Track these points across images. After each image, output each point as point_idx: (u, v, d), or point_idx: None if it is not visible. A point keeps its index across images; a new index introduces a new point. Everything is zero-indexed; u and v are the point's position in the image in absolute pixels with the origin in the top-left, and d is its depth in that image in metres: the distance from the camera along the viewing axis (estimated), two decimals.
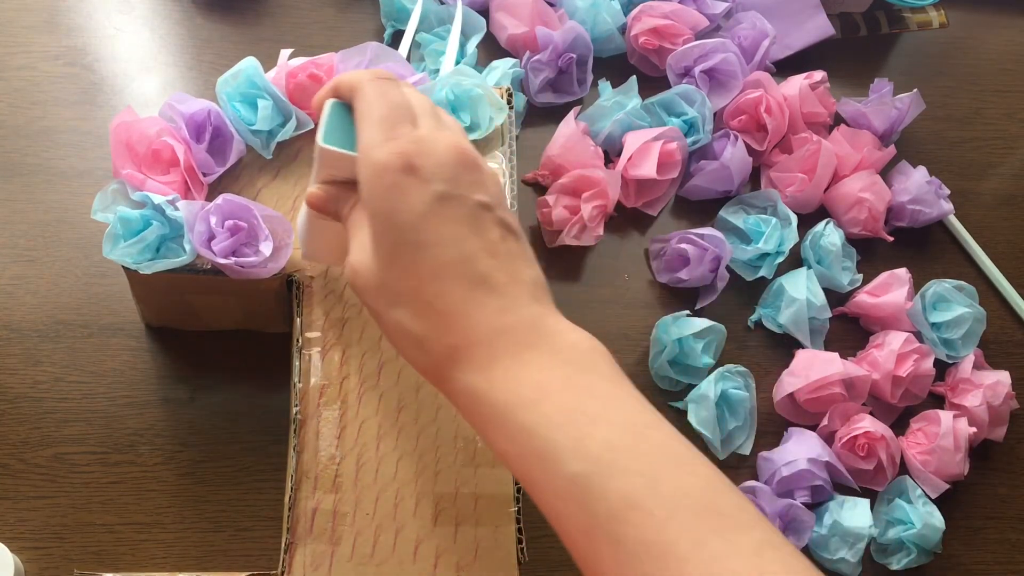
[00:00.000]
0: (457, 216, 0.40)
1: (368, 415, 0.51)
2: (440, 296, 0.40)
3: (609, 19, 0.73)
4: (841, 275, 0.68)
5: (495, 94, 0.58)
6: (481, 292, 0.40)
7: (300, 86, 0.56)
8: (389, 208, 0.40)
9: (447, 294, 0.40)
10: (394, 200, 0.40)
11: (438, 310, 0.40)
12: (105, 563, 0.55)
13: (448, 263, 0.40)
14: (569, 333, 0.41)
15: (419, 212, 0.40)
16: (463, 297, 0.40)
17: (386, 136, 0.41)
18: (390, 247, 0.41)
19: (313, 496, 0.50)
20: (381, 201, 0.40)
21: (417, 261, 0.40)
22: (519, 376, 0.39)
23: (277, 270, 0.52)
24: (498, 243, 0.41)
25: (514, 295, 0.40)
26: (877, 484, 0.63)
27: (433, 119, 0.43)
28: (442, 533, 0.50)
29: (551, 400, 0.38)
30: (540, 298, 0.42)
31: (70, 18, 0.71)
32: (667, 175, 0.69)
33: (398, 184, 0.40)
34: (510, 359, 0.39)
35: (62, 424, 0.58)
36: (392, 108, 0.42)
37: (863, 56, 0.80)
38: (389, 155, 0.40)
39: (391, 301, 0.41)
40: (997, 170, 0.78)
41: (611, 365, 0.41)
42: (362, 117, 0.42)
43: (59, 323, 0.60)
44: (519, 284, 0.41)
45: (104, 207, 0.52)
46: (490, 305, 0.40)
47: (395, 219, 0.40)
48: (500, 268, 0.41)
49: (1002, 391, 0.66)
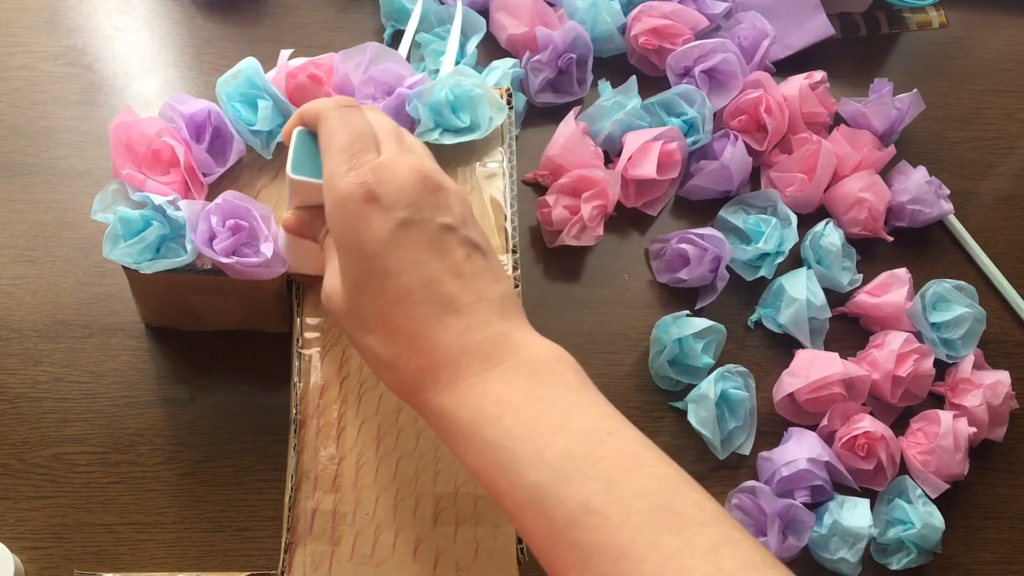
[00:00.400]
0: (420, 241, 0.41)
1: (368, 415, 0.51)
2: (406, 321, 0.41)
3: (609, 19, 0.73)
4: (841, 275, 0.68)
5: (495, 94, 0.58)
6: (446, 314, 0.41)
7: (300, 86, 0.56)
8: (354, 238, 0.41)
9: (413, 319, 0.41)
10: (358, 230, 0.41)
11: (405, 334, 0.41)
12: (105, 563, 0.55)
13: (412, 288, 0.41)
14: (534, 346, 0.42)
15: (382, 240, 0.41)
16: (428, 320, 0.41)
17: (348, 165, 0.42)
18: (356, 275, 0.42)
19: (313, 496, 0.50)
20: (345, 231, 0.42)
21: (383, 288, 0.41)
22: (483, 392, 0.40)
23: (279, 271, 0.52)
24: (463, 263, 0.42)
25: (479, 313, 0.42)
26: (877, 484, 0.63)
27: (396, 143, 0.44)
28: (442, 533, 0.50)
29: (513, 413, 0.39)
30: (507, 313, 0.43)
31: (70, 18, 0.71)
32: (667, 175, 0.69)
33: (361, 214, 0.41)
34: (474, 376, 0.41)
35: (62, 424, 0.58)
36: (354, 136, 0.43)
37: (863, 56, 0.80)
38: (350, 185, 0.41)
39: (361, 327, 0.43)
40: (997, 170, 0.78)
41: (576, 373, 0.42)
42: (325, 147, 0.44)
43: (59, 323, 0.60)
44: (484, 302, 0.42)
45: (104, 207, 0.52)
46: (454, 326, 0.41)
47: (360, 248, 0.41)
48: (464, 288, 0.42)
49: (1002, 391, 0.66)
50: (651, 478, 0.37)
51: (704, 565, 0.34)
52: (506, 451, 0.39)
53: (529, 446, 0.38)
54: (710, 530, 0.36)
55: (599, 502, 0.36)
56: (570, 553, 0.37)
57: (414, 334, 0.41)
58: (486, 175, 0.57)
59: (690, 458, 0.63)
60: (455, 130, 0.57)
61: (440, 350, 0.41)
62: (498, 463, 0.39)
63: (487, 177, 0.57)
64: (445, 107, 0.57)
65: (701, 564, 0.34)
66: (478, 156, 0.58)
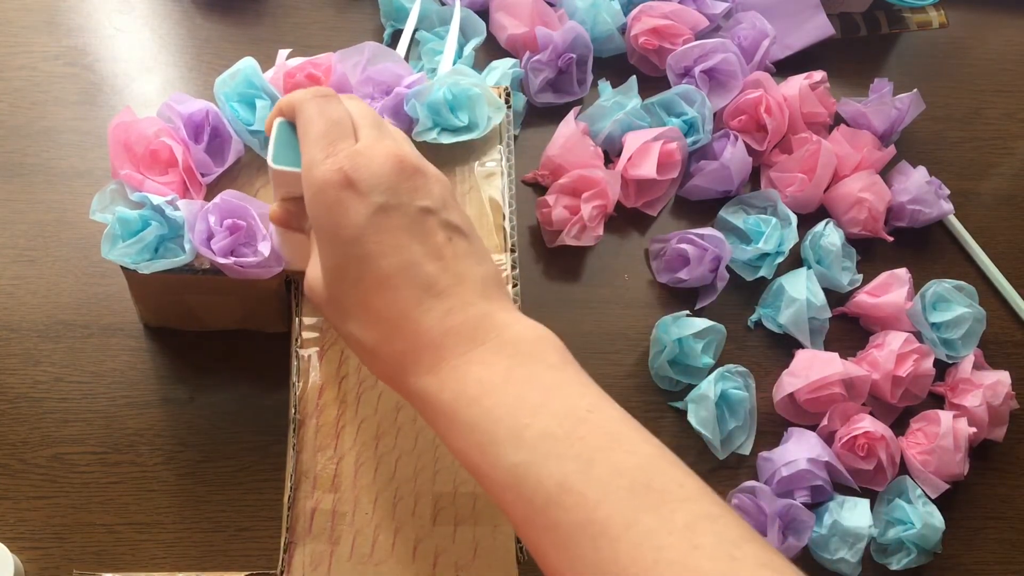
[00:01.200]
0: (398, 225, 0.41)
1: (367, 414, 0.51)
2: (387, 306, 0.41)
3: (609, 19, 0.73)
4: (841, 275, 0.68)
5: (493, 93, 0.58)
6: (427, 297, 0.41)
7: (298, 86, 0.56)
8: (332, 224, 0.41)
9: (393, 303, 0.41)
10: (335, 216, 0.41)
11: (386, 319, 0.41)
12: (105, 563, 0.55)
13: (392, 273, 0.41)
14: (515, 325, 0.42)
15: (360, 225, 0.41)
16: (409, 304, 0.41)
17: (325, 153, 0.42)
18: (336, 263, 0.42)
19: (312, 496, 0.50)
20: (324, 218, 0.42)
21: (362, 274, 0.41)
22: (465, 374, 0.40)
23: (277, 270, 0.52)
24: (443, 246, 0.42)
25: (461, 295, 0.41)
26: (877, 484, 0.63)
27: (374, 129, 0.44)
28: (441, 532, 0.50)
29: (493, 395, 0.39)
30: (490, 295, 0.42)
31: (70, 18, 0.71)
32: (667, 175, 0.69)
33: (338, 200, 0.41)
34: (457, 359, 0.40)
35: (62, 424, 0.58)
36: (331, 125, 0.43)
37: (863, 56, 0.80)
38: (327, 172, 0.41)
39: (343, 314, 0.43)
40: (997, 170, 0.78)
41: (559, 352, 0.41)
42: (303, 136, 0.43)
43: (59, 323, 0.60)
44: (466, 283, 0.42)
45: (103, 207, 0.52)
46: (436, 308, 0.41)
47: (338, 235, 0.41)
48: (445, 270, 0.42)
49: (1002, 391, 0.66)
50: (630, 455, 0.37)
51: (681, 542, 0.34)
52: (486, 433, 0.39)
53: (509, 427, 0.38)
54: (689, 506, 0.35)
55: (577, 480, 0.36)
56: (549, 533, 0.36)
57: (395, 319, 0.41)
58: (484, 174, 0.57)
59: (690, 458, 0.63)
60: (453, 129, 0.57)
61: (422, 334, 0.41)
62: (479, 445, 0.39)
63: (485, 176, 0.57)
64: (443, 106, 0.57)
65: (679, 541, 0.34)
66: (476, 155, 0.58)
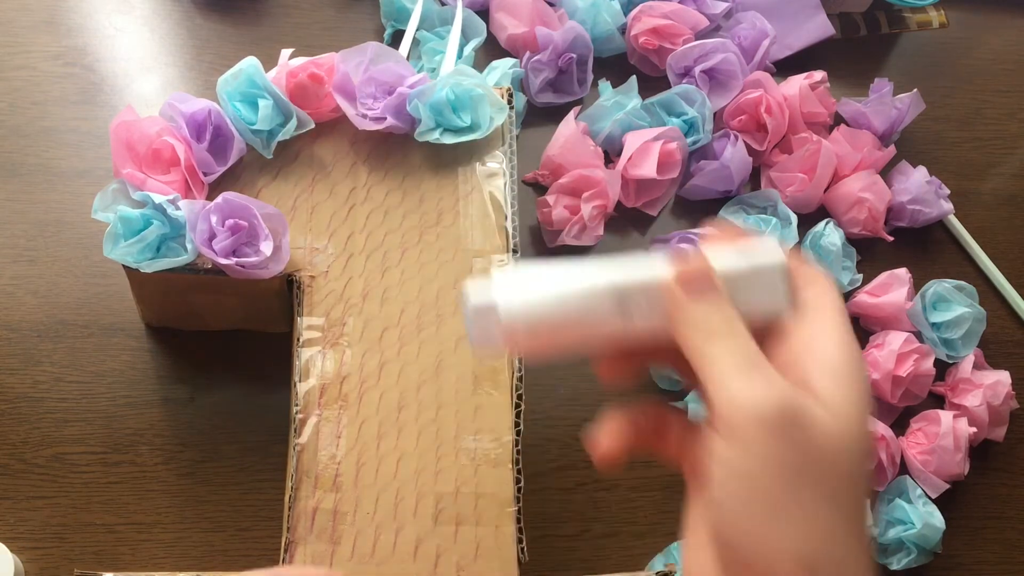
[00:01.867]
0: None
1: (368, 414, 0.51)
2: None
3: (609, 19, 0.73)
4: (841, 275, 0.68)
5: (495, 94, 0.58)
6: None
7: (300, 86, 0.56)
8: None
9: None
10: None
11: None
12: (105, 563, 0.55)
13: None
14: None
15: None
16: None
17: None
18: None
19: (313, 495, 0.50)
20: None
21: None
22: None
23: (278, 270, 0.52)
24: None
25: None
26: (877, 484, 0.63)
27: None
28: (442, 533, 0.50)
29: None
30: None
31: (70, 18, 0.71)
32: (667, 175, 0.69)
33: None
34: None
35: (62, 424, 0.58)
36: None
37: (863, 56, 0.80)
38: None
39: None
40: (997, 170, 0.78)
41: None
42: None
43: (59, 323, 0.60)
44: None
45: (104, 207, 0.52)
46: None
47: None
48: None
49: (1002, 391, 0.66)
50: None
51: None
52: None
53: None
54: None
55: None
56: None
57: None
58: (486, 174, 0.57)
59: None
60: (456, 129, 0.57)
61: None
62: None
63: (487, 176, 0.57)
64: (446, 107, 0.57)
65: None
66: (478, 156, 0.58)
